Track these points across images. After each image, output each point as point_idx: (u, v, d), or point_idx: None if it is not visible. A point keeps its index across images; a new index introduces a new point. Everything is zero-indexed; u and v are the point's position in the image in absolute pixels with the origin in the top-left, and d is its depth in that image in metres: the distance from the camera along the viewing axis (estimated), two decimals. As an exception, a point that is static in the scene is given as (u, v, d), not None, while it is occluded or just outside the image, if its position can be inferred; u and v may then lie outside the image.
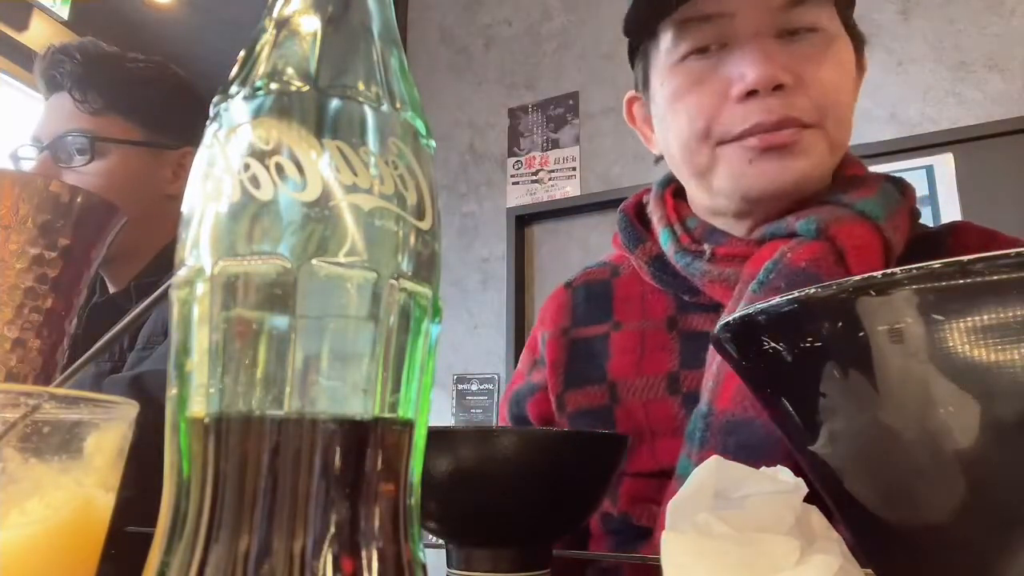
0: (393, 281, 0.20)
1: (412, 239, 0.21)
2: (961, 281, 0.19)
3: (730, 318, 0.25)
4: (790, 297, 0.22)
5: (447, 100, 2.91)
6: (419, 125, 0.23)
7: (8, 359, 0.52)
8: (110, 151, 0.92)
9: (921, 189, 2.07)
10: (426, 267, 0.22)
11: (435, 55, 3.00)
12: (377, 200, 0.20)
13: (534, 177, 2.74)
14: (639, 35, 0.70)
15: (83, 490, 0.25)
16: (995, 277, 0.18)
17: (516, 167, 2.79)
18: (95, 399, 0.25)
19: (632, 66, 0.74)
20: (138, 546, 0.21)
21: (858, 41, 0.65)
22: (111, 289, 0.97)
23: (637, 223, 0.74)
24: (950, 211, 2.01)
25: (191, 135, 0.98)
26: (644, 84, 0.71)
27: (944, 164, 2.05)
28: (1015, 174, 1.95)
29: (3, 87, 2.65)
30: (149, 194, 0.94)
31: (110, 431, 0.26)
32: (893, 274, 0.20)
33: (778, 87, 0.59)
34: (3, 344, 0.52)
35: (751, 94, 0.59)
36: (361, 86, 0.21)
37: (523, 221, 2.75)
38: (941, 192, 2.04)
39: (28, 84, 2.63)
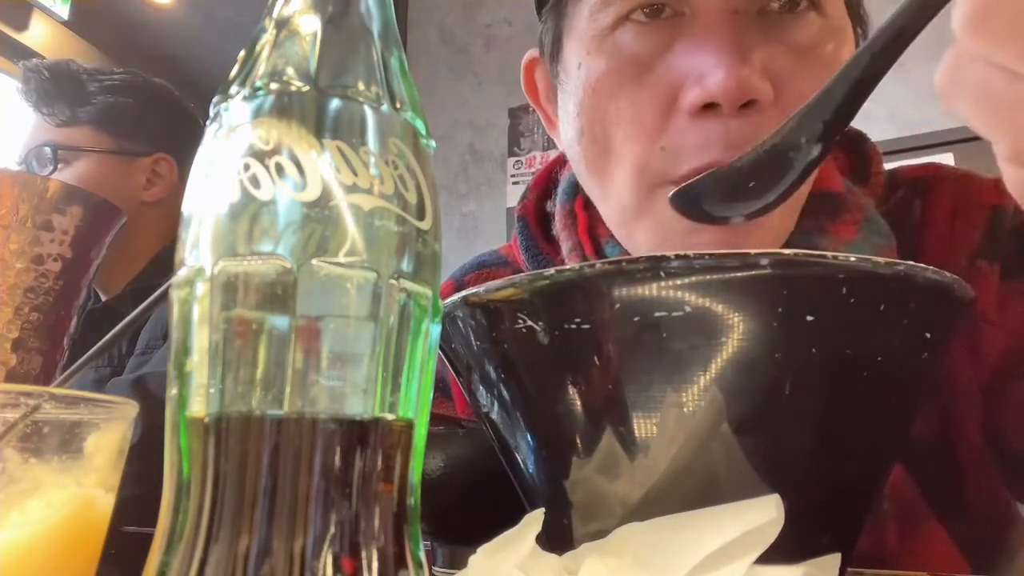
0: (393, 281, 0.20)
1: (412, 239, 0.21)
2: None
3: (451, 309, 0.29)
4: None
5: (447, 100, 2.91)
6: (419, 125, 0.23)
7: (8, 359, 0.52)
8: (77, 159, 0.94)
9: (921, 189, 2.07)
10: (426, 267, 0.22)
11: (435, 55, 2.99)
12: (377, 200, 0.20)
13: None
14: None
15: (83, 490, 0.25)
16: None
17: (516, 167, 2.78)
18: (95, 399, 0.25)
19: (539, 14, 0.50)
20: (138, 546, 0.21)
21: (862, 26, 0.46)
22: (103, 297, 0.98)
23: (541, 239, 0.54)
24: (950, 211, 2.01)
25: (164, 142, 0.99)
26: (553, 49, 0.48)
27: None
28: (1015, 174, 1.95)
29: (4, 87, 2.65)
30: (123, 201, 0.95)
31: (110, 431, 0.26)
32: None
33: (749, 103, 0.38)
34: (3, 344, 0.52)
35: (709, 107, 0.38)
36: (361, 86, 0.21)
37: (523, 221, 2.75)
38: (941, 192, 2.03)
39: (28, 84, 2.63)
